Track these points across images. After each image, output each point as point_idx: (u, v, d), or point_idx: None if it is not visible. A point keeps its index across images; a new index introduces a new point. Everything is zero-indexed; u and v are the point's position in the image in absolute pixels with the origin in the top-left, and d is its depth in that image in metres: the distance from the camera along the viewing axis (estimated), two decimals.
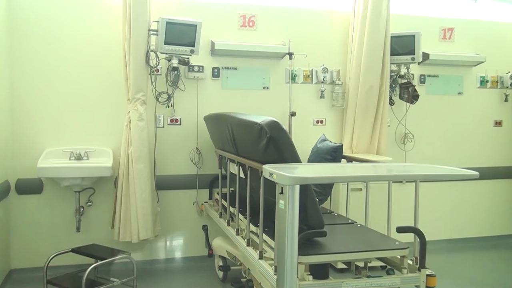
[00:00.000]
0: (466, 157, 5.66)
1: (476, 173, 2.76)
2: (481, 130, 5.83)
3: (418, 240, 2.98)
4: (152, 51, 4.43)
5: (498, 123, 5.90)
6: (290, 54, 4.92)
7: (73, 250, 3.98)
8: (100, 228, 4.64)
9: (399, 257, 3.01)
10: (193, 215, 4.94)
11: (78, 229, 4.50)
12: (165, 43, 4.34)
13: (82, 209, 4.52)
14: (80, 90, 4.55)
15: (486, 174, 5.53)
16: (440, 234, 5.61)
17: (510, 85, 5.79)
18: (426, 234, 2.97)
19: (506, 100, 5.88)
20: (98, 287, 3.64)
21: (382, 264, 3.32)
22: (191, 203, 4.92)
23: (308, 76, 5.16)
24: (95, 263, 3.73)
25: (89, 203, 4.60)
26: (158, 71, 4.63)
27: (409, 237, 3.11)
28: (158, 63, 4.54)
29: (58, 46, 4.48)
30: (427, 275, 2.91)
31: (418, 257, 2.97)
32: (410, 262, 3.02)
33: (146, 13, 4.33)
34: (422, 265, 2.93)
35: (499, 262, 5.28)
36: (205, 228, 4.79)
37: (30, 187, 4.47)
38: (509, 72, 5.79)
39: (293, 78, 5.09)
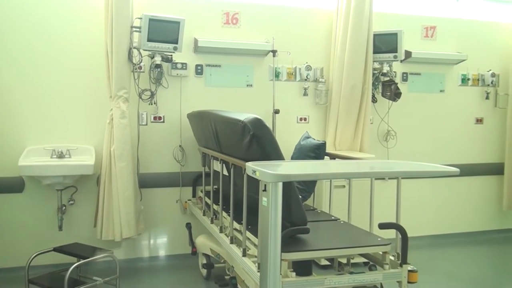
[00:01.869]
0: (448, 154, 5.73)
1: (457, 169, 2.80)
2: (463, 128, 5.90)
3: (400, 236, 3.00)
4: (135, 48, 4.40)
5: (479, 121, 5.98)
6: (274, 52, 4.92)
7: (55, 249, 3.93)
8: (82, 227, 4.60)
9: (381, 253, 3.03)
10: (176, 213, 4.93)
11: (60, 228, 4.46)
12: (148, 40, 4.32)
13: (64, 207, 4.48)
14: (61, 87, 4.51)
15: (467, 170, 5.62)
16: (422, 230, 5.67)
17: (491, 83, 5.87)
18: (408, 230, 2.99)
19: (487, 98, 5.95)
20: (81, 286, 3.61)
21: (365, 260, 3.34)
22: (174, 201, 4.91)
23: (292, 73, 5.17)
24: (77, 262, 3.69)
25: (71, 202, 4.57)
26: (141, 68, 4.61)
27: (392, 233, 3.14)
28: (141, 60, 4.51)
29: (39, 43, 4.42)
30: (409, 271, 2.93)
31: (400, 253, 2.99)
32: (392, 258, 3.04)
33: (128, 9, 4.29)
34: (404, 260, 2.95)
35: (480, 257, 5.36)
36: (188, 226, 4.78)
37: (11, 185, 4.42)
38: (490, 70, 5.87)
39: (277, 75, 5.10)
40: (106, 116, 4.39)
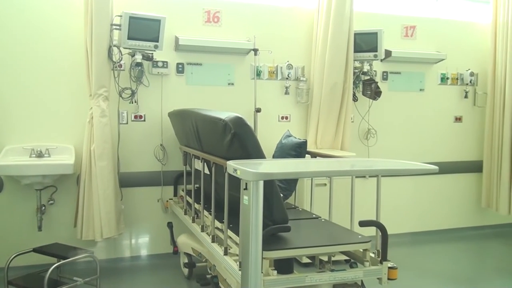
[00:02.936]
0: (427, 152, 5.80)
1: (436, 167, 2.82)
2: (442, 126, 5.97)
3: (380, 233, 3.03)
4: (115, 46, 4.36)
5: (458, 119, 6.06)
6: (255, 50, 4.92)
7: (35, 250, 3.89)
8: (62, 227, 4.55)
9: (361, 250, 3.06)
10: (157, 212, 4.90)
11: (39, 228, 4.41)
12: (129, 38, 4.28)
13: (43, 207, 4.43)
14: (41, 86, 4.44)
15: (446, 168, 5.69)
16: (402, 228, 5.72)
17: (470, 82, 5.94)
18: (389, 227, 3.03)
19: (466, 97, 6.03)
20: (61, 287, 3.58)
21: (346, 258, 3.37)
22: (155, 200, 4.88)
23: (273, 72, 5.17)
24: (57, 262, 3.65)
25: (51, 202, 4.51)
26: (121, 67, 4.56)
27: (372, 231, 3.17)
28: (121, 58, 4.47)
29: (18, 40, 4.36)
30: (389, 268, 2.97)
31: (380, 250, 3.02)
32: (373, 255, 3.07)
33: (108, 7, 4.25)
34: (384, 258, 2.99)
35: (459, 254, 5.44)
36: (170, 225, 4.77)
37: None
38: (469, 69, 5.94)
39: (258, 74, 5.10)
40: (86, 114, 4.35)
